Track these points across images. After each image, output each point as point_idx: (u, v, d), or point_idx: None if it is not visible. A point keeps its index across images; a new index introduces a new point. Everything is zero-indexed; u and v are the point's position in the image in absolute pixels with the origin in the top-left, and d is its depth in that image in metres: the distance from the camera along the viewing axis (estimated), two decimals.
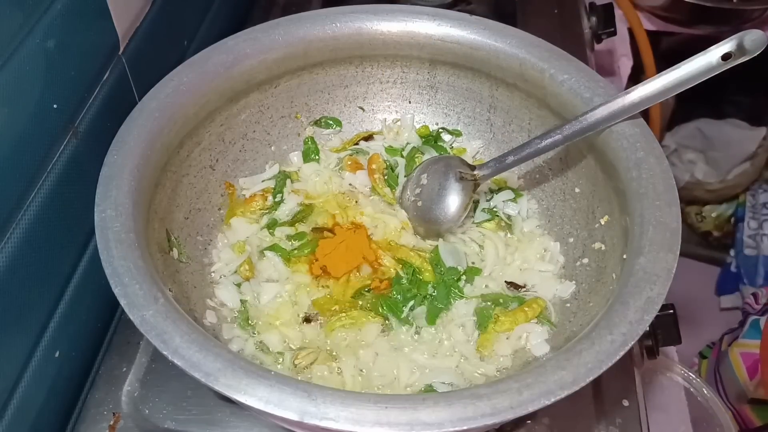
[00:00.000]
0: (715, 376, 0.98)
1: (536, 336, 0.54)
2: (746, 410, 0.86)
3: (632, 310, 0.42)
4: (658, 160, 0.51)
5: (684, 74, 0.50)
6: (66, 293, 0.54)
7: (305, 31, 0.62)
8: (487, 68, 0.63)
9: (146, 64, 0.64)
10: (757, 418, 0.84)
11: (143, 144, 0.51)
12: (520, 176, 0.66)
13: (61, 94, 0.51)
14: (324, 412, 0.37)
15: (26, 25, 0.46)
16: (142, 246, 0.46)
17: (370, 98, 0.69)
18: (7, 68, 0.44)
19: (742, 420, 0.87)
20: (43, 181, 0.50)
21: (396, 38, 0.64)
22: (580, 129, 0.54)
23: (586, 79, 0.57)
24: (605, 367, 0.40)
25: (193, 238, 0.58)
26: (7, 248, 0.46)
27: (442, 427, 0.37)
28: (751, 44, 0.48)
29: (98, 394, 0.56)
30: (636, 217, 0.49)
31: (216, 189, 0.62)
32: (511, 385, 0.39)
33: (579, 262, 0.58)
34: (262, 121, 0.65)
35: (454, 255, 0.60)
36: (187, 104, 0.56)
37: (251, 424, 0.54)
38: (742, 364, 0.87)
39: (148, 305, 0.42)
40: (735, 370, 0.87)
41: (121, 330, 0.60)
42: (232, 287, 0.57)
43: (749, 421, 0.86)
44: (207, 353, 0.40)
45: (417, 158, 0.67)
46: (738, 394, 0.87)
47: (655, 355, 0.63)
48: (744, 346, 0.89)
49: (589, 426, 0.55)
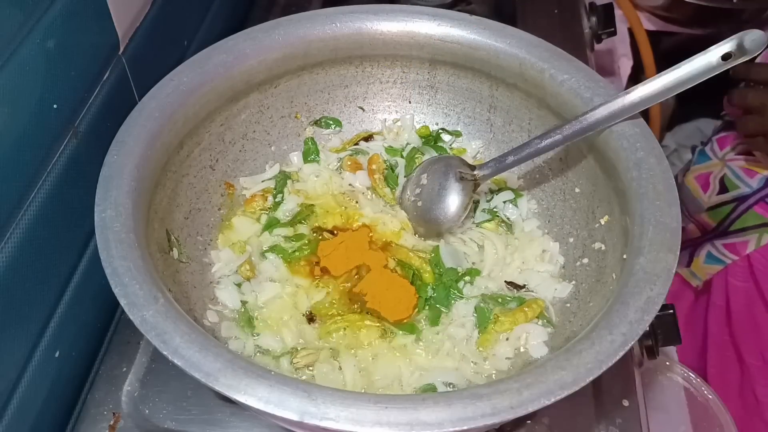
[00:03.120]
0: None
1: (536, 336, 0.54)
2: (704, 217, 1.04)
3: (632, 310, 0.42)
4: (658, 160, 0.51)
5: (684, 74, 0.50)
6: (66, 293, 0.54)
7: (305, 31, 0.62)
8: (487, 68, 0.63)
9: (146, 64, 0.64)
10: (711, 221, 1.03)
11: (143, 144, 0.51)
12: (520, 176, 0.66)
13: (61, 94, 0.51)
14: (324, 412, 0.37)
15: (26, 25, 0.46)
16: (142, 246, 0.46)
17: (370, 98, 0.69)
18: (7, 68, 0.44)
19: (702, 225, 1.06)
20: (43, 181, 0.50)
21: (396, 38, 0.64)
22: (580, 129, 0.54)
23: (586, 79, 0.57)
24: (605, 367, 0.40)
25: (193, 238, 0.58)
26: (7, 248, 0.46)
27: (442, 427, 0.37)
28: (751, 44, 0.48)
29: (98, 394, 0.56)
30: (636, 217, 0.49)
31: (216, 189, 0.62)
32: (511, 385, 0.39)
33: (579, 262, 0.58)
34: (262, 121, 0.65)
35: (454, 256, 0.60)
36: (187, 104, 0.56)
37: (251, 424, 0.54)
38: (697, 185, 1.06)
39: (148, 305, 0.42)
40: (692, 192, 1.06)
41: (121, 330, 0.60)
42: (232, 287, 0.57)
43: (706, 225, 1.05)
44: (207, 353, 0.40)
45: (417, 158, 0.67)
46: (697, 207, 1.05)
47: (655, 355, 0.63)
48: (696, 171, 1.07)
49: (589, 426, 0.55)
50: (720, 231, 1.02)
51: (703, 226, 1.06)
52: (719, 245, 1.01)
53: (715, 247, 1.02)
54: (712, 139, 1.08)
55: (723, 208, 1.00)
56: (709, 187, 1.04)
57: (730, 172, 1.00)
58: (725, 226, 1.01)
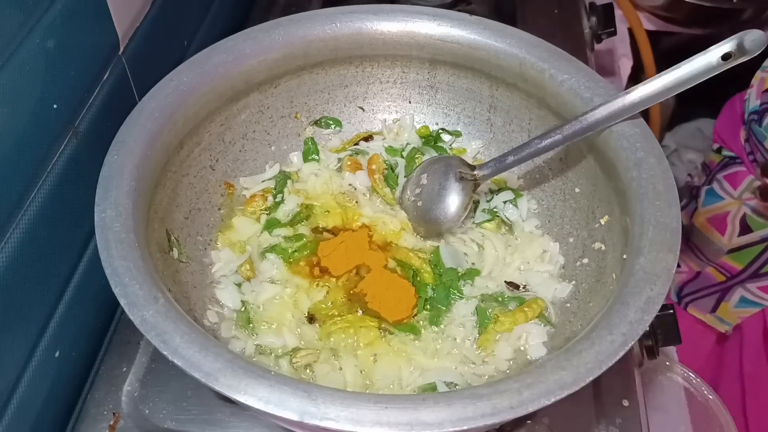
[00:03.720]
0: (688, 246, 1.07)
1: (535, 336, 0.54)
2: (726, 261, 0.97)
3: (632, 310, 0.42)
4: (658, 160, 0.51)
5: (684, 74, 0.50)
6: (66, 293, 0.54)
7: (305, 31, 0.62)
8: (487, 68, 0.63)
9: (146, 64, 0.64)
10: (737, 263, 0.96)
11: (143, 144, 0.51)
12: (520, 176, 0.66)
13: (61, 94, 0.51)
14: (324, 412, 0.37)
15: (26, 25, 0.46)
16: (142, 246, 0.46)
17: (370, 98, 0.69)
18: (7, 68, 0.44)
19: (726, 270, 0.98)
20: (43, 181, 0.50)
21: (396, 38, 0.64)
22: (580, 129, 0.54)
23: (586, 79, 0.57)
24: (605, 367, 0.40)
25: (193, 238, 0.58)
26: (8, 248, 0.46)
27: (442, 427, 0.37)
28: (751, 44, 0.48)
29: (98, 394, 0.56)
30: (636, 217, 0.49)
31: (216, 189, 0.62)
32: (511, 385, 0.39)
33: (579, 262, 0.58)
34: (262, 121, 0.65)
35: (454, 256, 0.60)
36: (187, 104, 0.56)
37: (251, 424, 0.54)
38: (711, 227, 0.98)
39: (148, 305, 0.42)
40: (707, 235, 0.98)
41: (121, 330, 0.60)
42: (232, 287, 0.57)
43: (731, 269, 0.97)
44: (207, 353, 0.40)
45: (417, 158, 0.67)
46: (715, 251, 0.98)
47: (655, 355, 0.63)
48: (707, 212, 1.00)
49: (589, 426, 0.55)
50: (751, 273, 0.96)
51: (728, 270, 0.99)
52: (753, 288, 0.96)
53: (748, 291, 0.96)
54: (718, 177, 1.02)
55: (750, 249, 0.95)
56: (728, 229, 0.97)
57: (752, 211, 0.95)
58: (756, 267, 0.95)
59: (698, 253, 1.05)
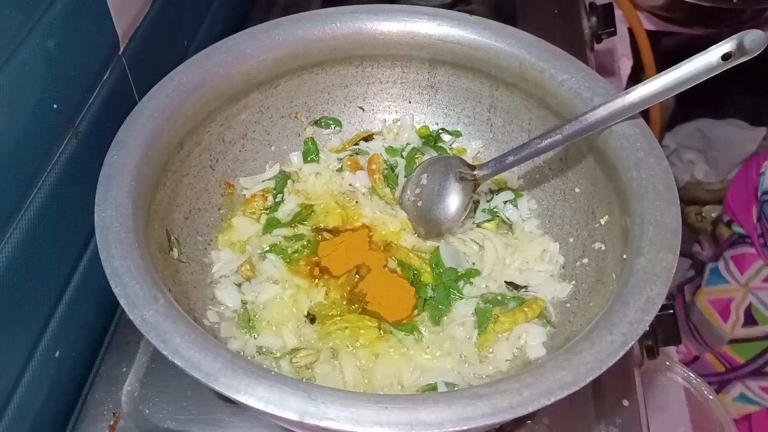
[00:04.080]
0: (688, 325, 1.02)
1: (535, 336, 0.54)
2: (726, 351, 0.91)
3: (632, 310, 0.42)
4: (658, 160, 0.51)
5: (684, 74, 0.50)
6: (66, 293, 0.55)
7: (305, 31, 0.62)
8: (487, 68, 0.63)
9: (146, 64, 0.64)
10: (739, 356, 0.90)
11: (143, 144, 0.51)
12: (520, 176, 0.66)
13: (61, 94, 0.51)
14: (324, 412, 0.37)
15: (26, 25, 0.46)
16: (142, 246, 0.46)
17: (370, 98, 0.69)
18: (7, 68, 0.44)
19: (726, 361, 0.92)
20: (43, 181, 0.50)
21: (396, 38, 0.64)
22: (580, 129, 0.54)
23: (586, 79, 0.57)
24: (605, 367, 0.40)
25: (193, 238, 0.58)
26: (8, 248, 0.46)
27: (442, 427, 0.37)
28: (751, 44, 0.48)
29: (98, 394, 0.56)
30: (636, 217, 0.49)
31: (216, 189, 0.62)
32: (511, 385, 0.39)
33: (579, 262, 0.58)
34: (262, 121, 0.65)
35: (454, 256, 0.60)
36: (187, 104, 0.56)
37: (251, 424, 0.54)
38: (713, 310, 0.92)
39: (148, 305, 0.42)
40: (708, 318, 0.93)
41: (121, 330, 0.60)
42: (232, 287, 0.57)
43: (732, 360, 0.91)
44: (207, 353, 0.40)
45: (417, 159, 0.67)
46: (716, 338, 0.92)
47: (655, 355, 0.63)
48: (710, 293, 0.94)
49: (589, 426, 0.55)
50: (753, 370, 0.91)
51: (728, 361, 0.95)
52: (755, 387, 0.91)
53: (749, 389, 0.91)
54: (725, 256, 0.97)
55: (754, 344, 0.90)
56: (731, 317, 0.92)
57: (759, 302, 0.89)
58: (759, 364, 0.90)
59: (698, 336, 1.00)
